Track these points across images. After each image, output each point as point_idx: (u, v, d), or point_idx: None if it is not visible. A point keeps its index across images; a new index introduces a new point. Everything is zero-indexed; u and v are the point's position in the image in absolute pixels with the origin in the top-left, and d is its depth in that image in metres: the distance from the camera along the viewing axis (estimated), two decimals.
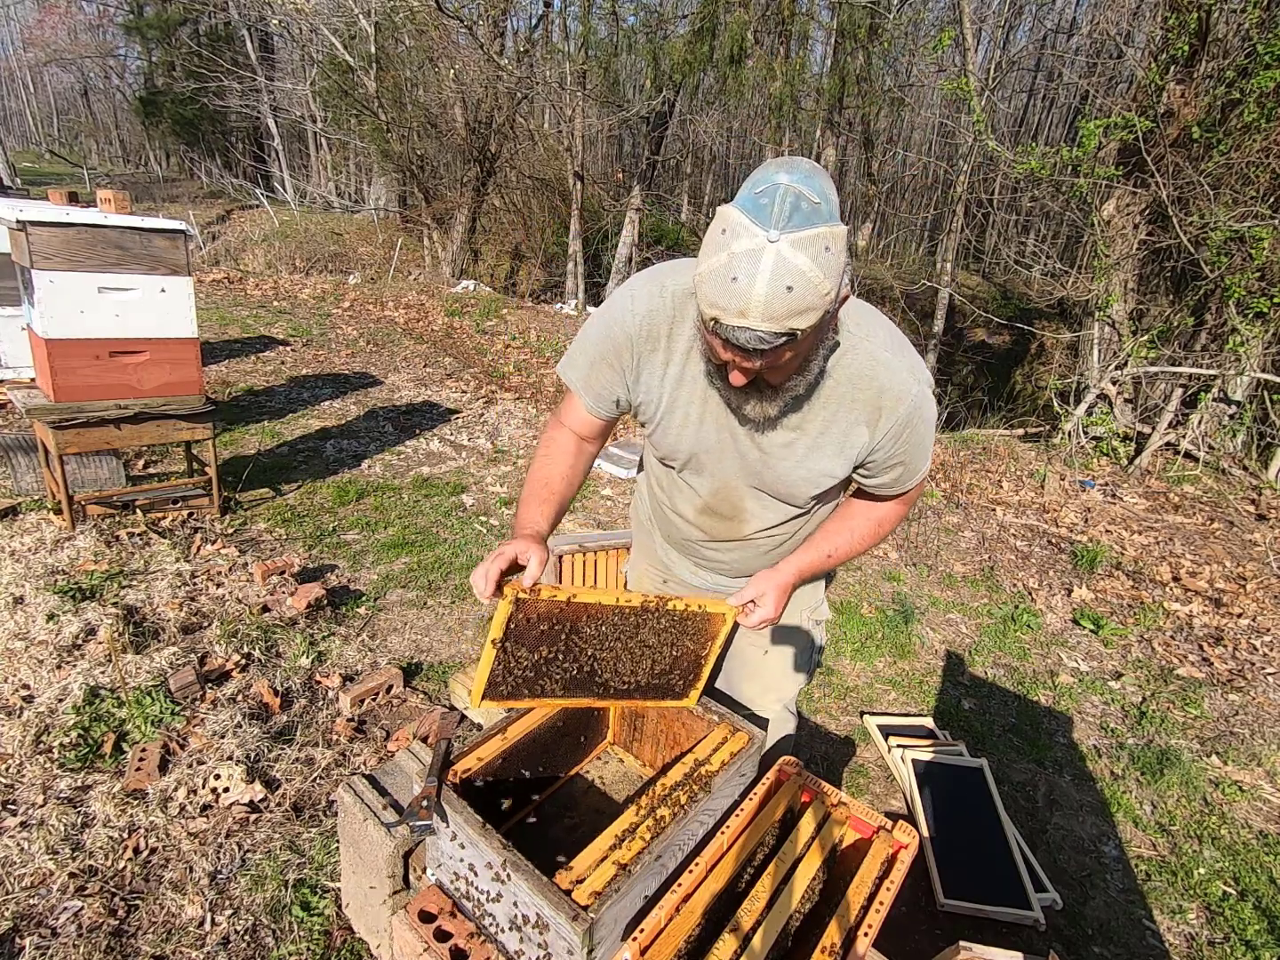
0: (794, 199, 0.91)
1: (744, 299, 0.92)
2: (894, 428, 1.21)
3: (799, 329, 0.94)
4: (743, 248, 0.91)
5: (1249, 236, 5.74)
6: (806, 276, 0.91)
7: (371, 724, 2.46)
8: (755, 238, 0.91)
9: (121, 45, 25.19)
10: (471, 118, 13.02)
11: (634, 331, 1.23)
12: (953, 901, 2.01)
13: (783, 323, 0.93)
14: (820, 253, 0.91)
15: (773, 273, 0.90)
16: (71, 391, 3.05)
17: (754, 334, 0.94)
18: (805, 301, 0.92)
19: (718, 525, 1.41)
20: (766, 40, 11.78)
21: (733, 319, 0.94)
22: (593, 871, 1.07)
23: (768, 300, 0.91)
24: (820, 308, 0.94)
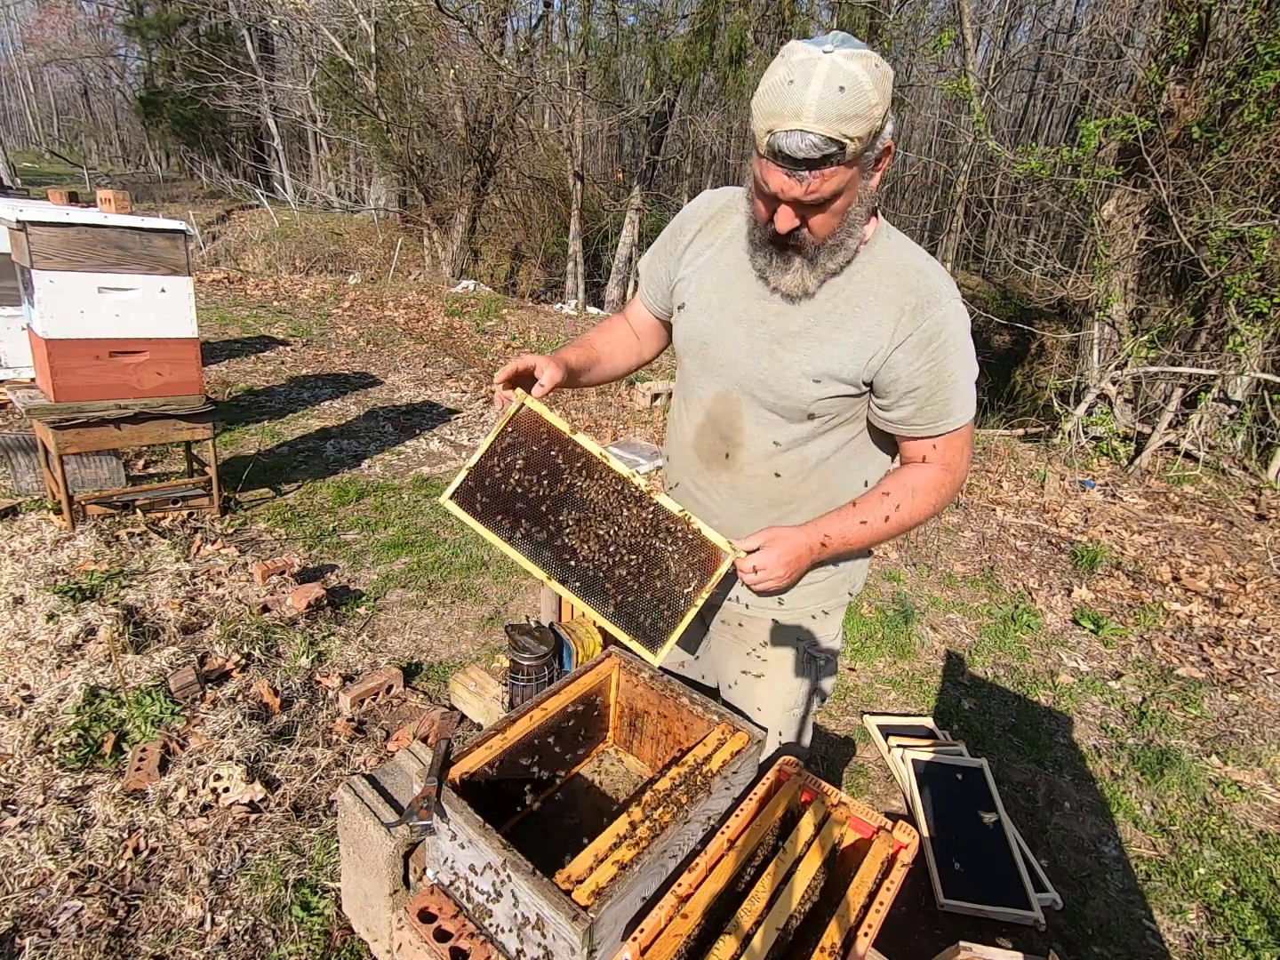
0: (845, 35, 1.01)
1: (799, 100, 0.96)
2: (918, 335, 1.16)
3: (849, 135, 0.98)
4: (798, 58, 0.98)
5: (1249, 236, 5.74)
6: (859, 80, 0.96)
7: (371, 724, 2.46)
8: (811, 52, 0.98)
9: (121, 45, 25.22)
10: (471, 118, 13.03)
11: (690, 213, 1.37)
12: (953, 901, 2.01)
13: (834, 126, 0.97)
14: (872, 66, 0.98)
15: (827, 75, 0.96)
16: (71, 391, 3.05)
17: (808, 138, 0.97)
18: (856, 106, 0.97)
19: (713, 447, 1.35)
20: (766, 40, 11.78)
21: (787, 123, 0.98)
22: (593, 871, 1.07)
23: (821, 99, 0.96)
24: (868, 119, 0.99)
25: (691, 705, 1.44)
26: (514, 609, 3.35)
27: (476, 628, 3.16)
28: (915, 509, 1.25)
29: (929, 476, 1.26)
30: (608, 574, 1.27)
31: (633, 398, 6.76)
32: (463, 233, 13.88)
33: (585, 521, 1.27)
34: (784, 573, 1.19)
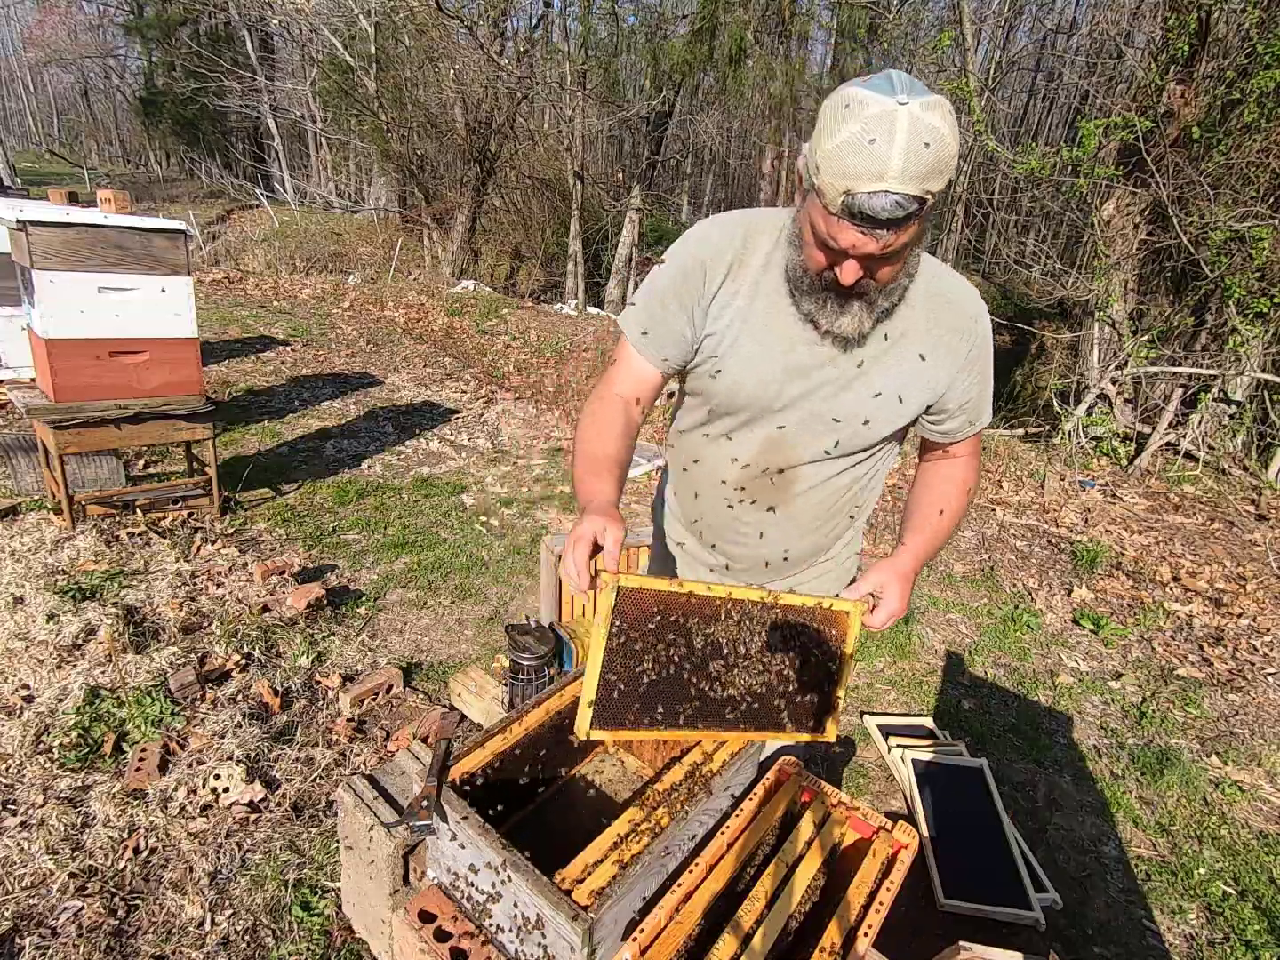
0: (911, 79, 0.93)
1: (883, 160, 0.91)
2: (973, 352, 1.20)
3: (932, 191, 0.94)
4: (875, 112, 0.91)
5: (1249, 236, 5.74)
6: (941, 134, 0.91)
7: (371, 724, 2.46)
8: (885, 104, 0.91)
9: (121, 45, 25.23)
10: (471, 118, 13.03)
11: (708, 257, 1.20)
12: (953, 901, 2.01)
13: (920, 184, 0.92)
14: (948, 114, 0.93)
15: (910, 131, 0.90)
16: (71, 391, 3.05)
17: (891, 198, 0.92)
18: (940, 160, 0.92)
19: (762, 484, 1.31)
20: (766, 40, 11.78)
21: (869, 184, 0.92)
22: (593, 871, 1.07)
23: (907, 158, 0.90)
24: (949, 171, 0.95)
25: None
26: (514, 609, 3.35)
27: (476, 628, 3.16)
28: (964, 502, 1.35)
29: (966, 469, 1.35)
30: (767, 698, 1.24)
31: None
32: (463, 233, 13.89)
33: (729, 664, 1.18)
34: (903, 606, 1.23)
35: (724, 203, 25.86)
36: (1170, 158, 6.23)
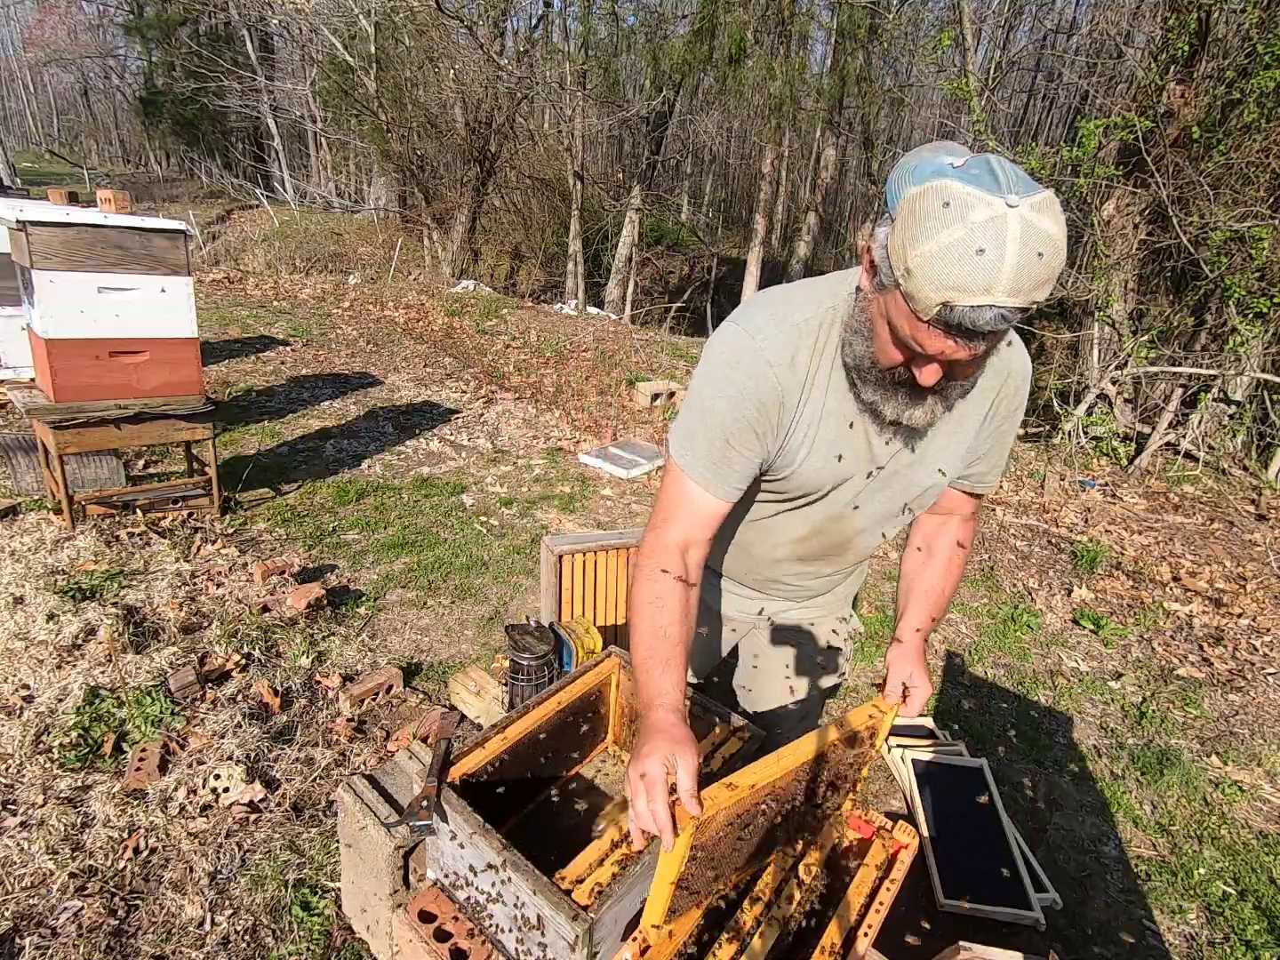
0: (1012, 166, 0.84)
1: (992, 273, 0.80)
2: (1006, 408, 1.20)
3: (1039, 301, 0.85)
4: (982, 217, 0.80)
5: (1249, 236, 5.74)
6: (1054, 241, 0.82)
7: (371, 724, 2.46)
8: (993, 205, 0.80)
9: (121, 45, 25.24)
10: (471, 118, 13.04)
11: (784, 382, 1.09)
12: (953, 901, 2.01)
13: (1028, 295, 0.83)
14: (1059, 214, 0.83)
15: (1023, 240, 0.80)
16: (71, 391, 3.05)
17: (997, 312, 0.83)
18: (1052, 269, 0.83)
19: (819, 553, 1.34)
20: (766, 40, 11.78)
21: (974, 298, 0.82)
22: (593, 871, 1.07)
23: (1018, 270, 0.80)
24: (1054, 281, 0.85)
25: (692, 705, 1.44)
26: (514, 609, 3.34)
27: (476, 628, 3.16)
28: (963, 567, 1.38)
29: (964, 532, 1.36)
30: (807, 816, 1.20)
31: (633, 398, 6.76)
32: (463, 233, 13.89)
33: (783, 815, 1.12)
34: (929, 683, 1.25)
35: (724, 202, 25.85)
36: (1170, 158, 6.23)
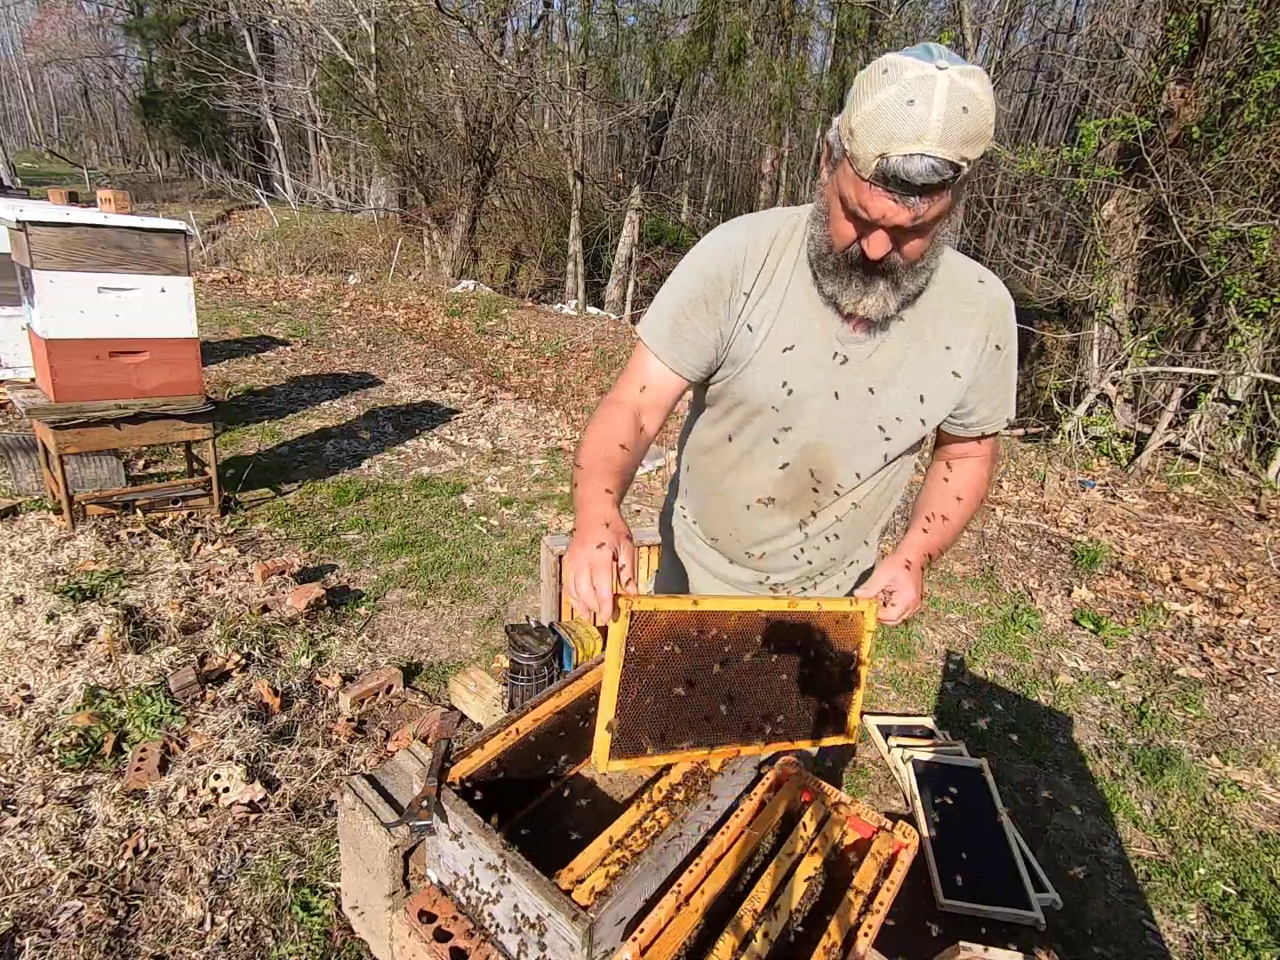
0: (940, 48, 0.93)
1: (921, 122, 0.89)
2: (996, 346, 1.19)
3: (968, 159, 0.93)
4: (914, 75, 0.90)
5: (1249, 236, 5.74)
6: (979, 100, 0.90)
7: (371, 724, 2.46)
8: (924, 68, 0.90)
9: (121, 45, 25.24)
10: (471, 118, 13.03)
11: (738, 260, 1.17)
12: (953, 901, 2.01)
13: (956, 149, 0.91)
14: (986, 82, 0.92)
15: (949, 95, 0.89)
16: (71, 391, 3.05)
17: (928, 162, 0.90)
18: (978, 126, 0.91)
19: (797, 494, 1.30)
20: (766, 40, 11.78)
21: (906, 147, 0.90)
22: (593, 871, 1.07)
23: (945, 121, 0.89)
24: (986, 140, 0.93)
25: None
26: (514, 609, 3.34)
27: (476, 628, 3.15)
28: (976, 503, 1.33)
29: (980, 468, 1.33)
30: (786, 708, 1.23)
31: None
32: (463, 233, 13.88)
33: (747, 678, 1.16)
34: (917, 596, 1.21)
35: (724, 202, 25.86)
36: (1170, 158, 6.23)
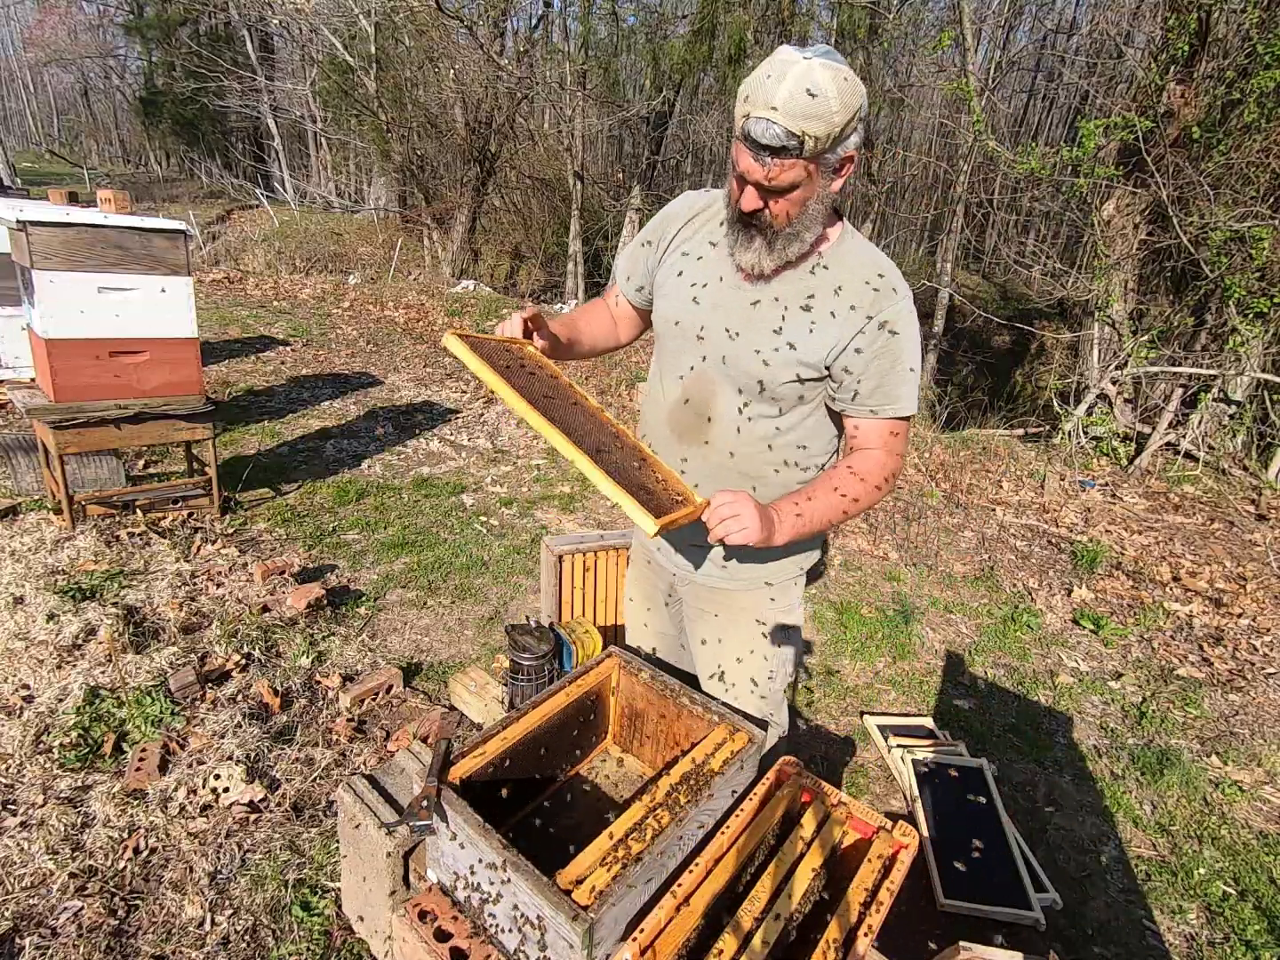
0: (830, 49, 1.13)
1: (772, 93, 1.09)
2: (876, 324, 1.28)
3: (808, 133, 1.10)
4: (781, 58, 1.11)
5: (1249, 236, 5.74)
6: (824, 88, 1.09)
7: (371, 724, 2.46)
8: (793, 55, 1.11)
9: (121, 45, 25.23)
10: (471, 118, 13.03)
11: (672, 213, 1.48)
12: (953, 901, 2.01)
13: (798, 123, 1.09)
14: (840, 80, 1.10)
15: (799, 77, 1.08)
16: (71, 391, 3.05)
17: (773, 127, 1.10)
18: (817, 109, 1.09)
19: (690, 423, 1.44)
20: (766, 40, 11.77)
21: (760, 111, 1.10)
22: (593, 871, 1.07)
23: (790, 95, 1.08)
24: (829, 123, 1.10)
25: (691, 705, 1.44)
26: (514, 609, 3.35)
27: (476, 628, 3.16)
28: (868, 492, 1.34)
29: (879, 461, 1.36)
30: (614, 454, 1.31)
31: (633, 398, 6.76)
32: (463, 233, 13.88)
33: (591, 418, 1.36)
34: (753, 523, 1.18)
35: None
36: (1170, 158, 6.23)
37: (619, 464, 1.28)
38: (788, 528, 1.26)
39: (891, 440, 1.36)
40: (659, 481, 1.33)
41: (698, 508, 1.28)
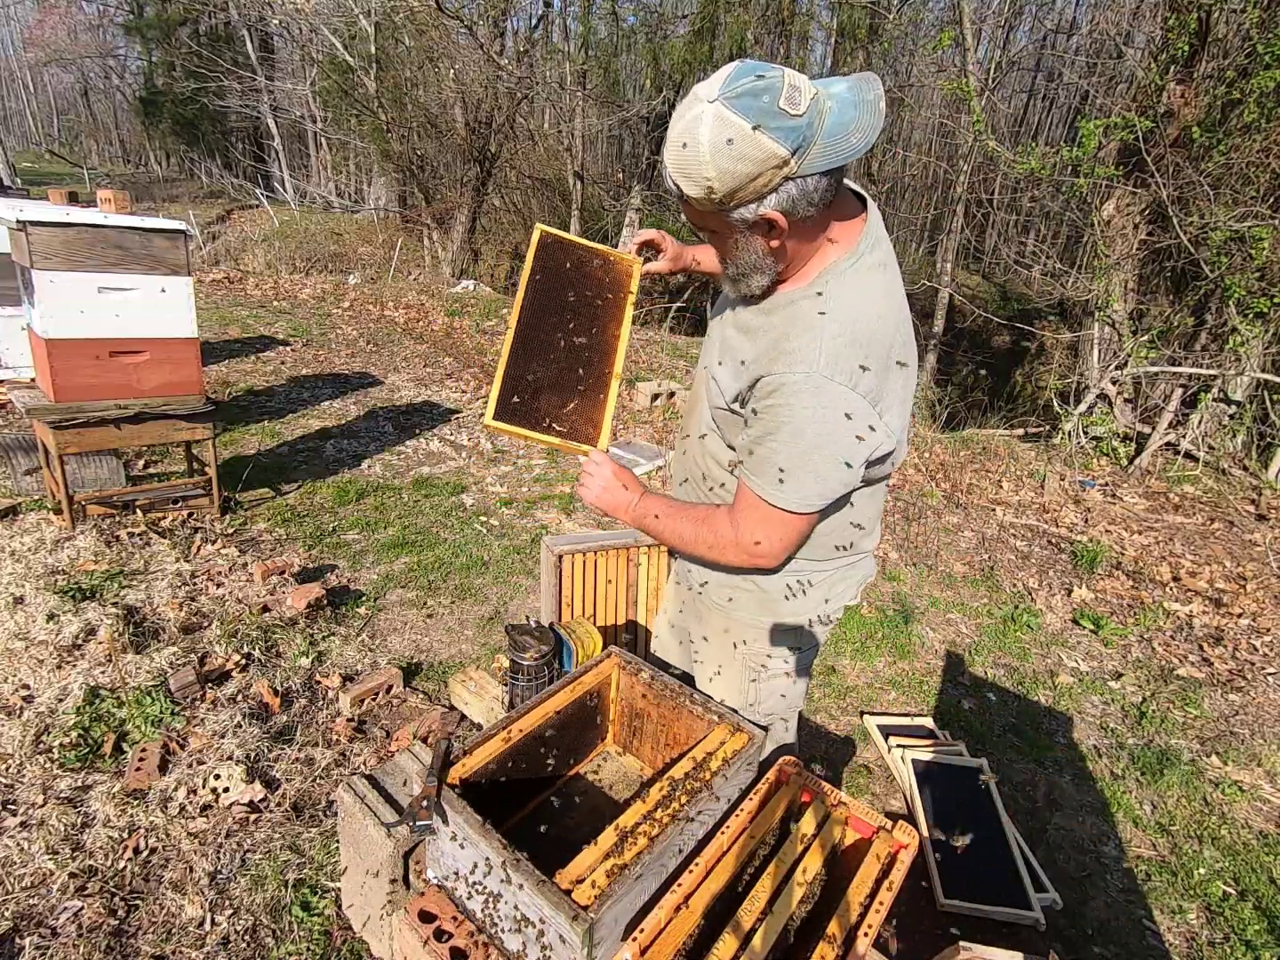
0: (756, 87, 0.94)
1: (670, 127, 1.02)
2: (764, 382, 1.12)
3: (682, 188, 1.04)
4: (698, 90, 0.99)
5: (1249, 236, 5.74)
6: (698, 149, 0.98)
7: (371, 724, 2.46)
8: (712, 87, 0.97)
9: (121, 45, 25.24)
10: (471, 118, 13.03)
11: None
12: (953, 901, 2.01)
13: (672, 172, 1.03)
14: (721, 142, 0.96)
15: (685, 125, 0.99)
16: (71, 391, 3.05)
17: (667, 172, 1.05)
18: (688, 167, 1.00)
19: (685, 411, 1.49)
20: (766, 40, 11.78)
21: (665, 153, 1.04)
22: (593, 871, 1.07)
23: (671, 141, 1.01)
24: (700, 186, 1.01)
25: (692, 706, 1.44)
26: (514, 609, 3.35)
27: (476, 628, 3.16)
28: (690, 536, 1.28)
29: (720, 519, 1.24)
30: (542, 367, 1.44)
31: (633, 398, 6.76)
32: (463, 233, 13.88)
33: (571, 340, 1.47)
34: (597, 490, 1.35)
35: None
36: (1170, 158, 6.23)
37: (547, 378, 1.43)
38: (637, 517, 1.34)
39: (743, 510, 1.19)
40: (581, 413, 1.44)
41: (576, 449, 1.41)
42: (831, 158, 0.98)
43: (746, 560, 1.24)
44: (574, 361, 1.47)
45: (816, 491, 1.13)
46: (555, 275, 1.49)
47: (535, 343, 1.44)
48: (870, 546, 1.41)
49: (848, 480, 1.14)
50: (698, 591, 1.49)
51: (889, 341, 1.11)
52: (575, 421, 1.43)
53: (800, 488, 1.12)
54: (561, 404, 1.43)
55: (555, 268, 1.50)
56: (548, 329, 1.45)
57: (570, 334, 1.47)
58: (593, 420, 1.45)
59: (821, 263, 1.15)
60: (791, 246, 1.11)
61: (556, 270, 1.50)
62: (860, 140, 0.98)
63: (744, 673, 1.47)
